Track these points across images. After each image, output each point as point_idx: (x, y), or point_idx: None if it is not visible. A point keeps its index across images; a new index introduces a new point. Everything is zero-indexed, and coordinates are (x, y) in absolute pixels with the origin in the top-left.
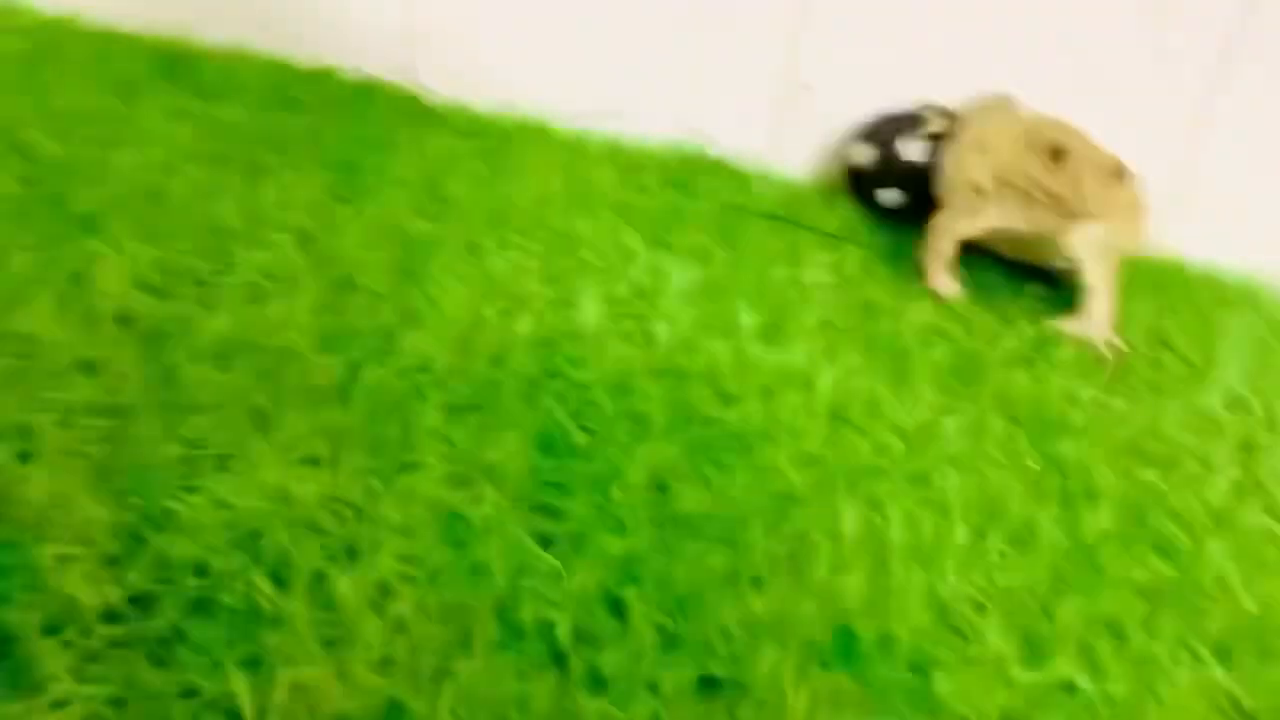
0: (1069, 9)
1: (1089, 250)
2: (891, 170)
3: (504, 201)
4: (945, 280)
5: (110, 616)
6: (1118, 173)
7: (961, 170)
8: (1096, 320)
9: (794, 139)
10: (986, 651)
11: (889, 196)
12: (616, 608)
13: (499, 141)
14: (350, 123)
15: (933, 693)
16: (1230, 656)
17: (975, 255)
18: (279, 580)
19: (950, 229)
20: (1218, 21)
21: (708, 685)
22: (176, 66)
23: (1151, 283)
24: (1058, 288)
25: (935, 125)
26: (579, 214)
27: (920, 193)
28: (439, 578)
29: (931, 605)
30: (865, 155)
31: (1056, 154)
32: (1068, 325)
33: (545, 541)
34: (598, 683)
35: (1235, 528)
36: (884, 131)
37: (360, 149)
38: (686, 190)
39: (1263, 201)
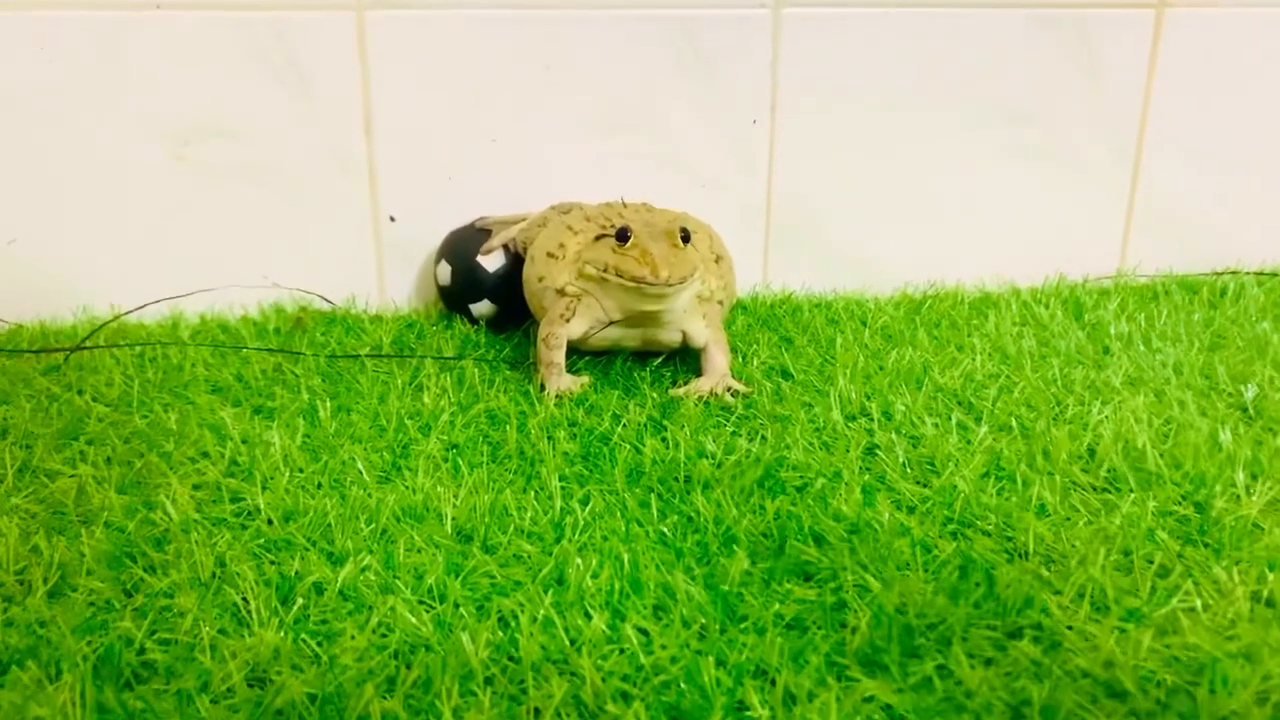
0: (622, 100)
1: (687, 313)
2: (475, 284)
3: (75, 417)
4: (566, 380)
5: None
6: (683, 234)
7: (543, 280)
8: (718, 372)
9: (396, 274)
10: None
11: (480, 309)
12: None
13: (73, 353)
14: None
15: None
16: (879, 665)
17: (602, 354)
18: None
19: (554, 335)
20: (755, 79)
21: None
22: None
23: (765, 320)
24: (684, 355)
25: (500, 236)
26: (167, 406)
27: (508, 299)
28: None
29: (573, 714)
30: (446, 275)
31: (621, 236)
32: (693, 386)
33: None
34: None
35: (868, 531)
36: (456, 249)
37: None
38: (291, 352)
39: (844, 228)
